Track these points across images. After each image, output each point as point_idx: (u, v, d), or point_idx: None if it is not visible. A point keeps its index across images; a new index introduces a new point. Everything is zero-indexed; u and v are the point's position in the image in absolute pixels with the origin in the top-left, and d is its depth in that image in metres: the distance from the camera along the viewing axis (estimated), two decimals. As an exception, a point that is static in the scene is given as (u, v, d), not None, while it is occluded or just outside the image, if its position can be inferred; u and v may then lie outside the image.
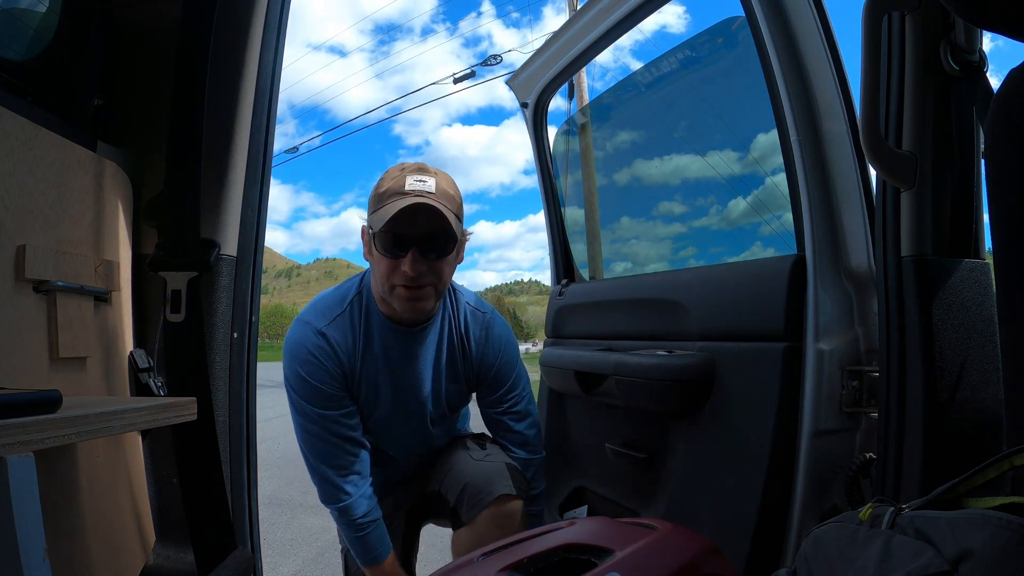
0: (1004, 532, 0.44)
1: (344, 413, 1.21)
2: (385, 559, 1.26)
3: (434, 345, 1.27)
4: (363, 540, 1.24)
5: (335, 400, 1.20)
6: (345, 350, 1.19)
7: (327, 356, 1.17)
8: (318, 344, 1.17)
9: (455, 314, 1.28)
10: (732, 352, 1.21)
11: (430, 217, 1.07)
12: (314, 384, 1.17)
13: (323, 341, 1.17)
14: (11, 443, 0.55)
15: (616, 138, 2.20)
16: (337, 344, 1.18)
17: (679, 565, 0.65)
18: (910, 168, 0.87)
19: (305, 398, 1.19)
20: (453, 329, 1.28)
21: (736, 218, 1.64)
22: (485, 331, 1.29)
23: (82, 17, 1.03)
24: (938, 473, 0.85)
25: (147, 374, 1.06)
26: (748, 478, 1.12)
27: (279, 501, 3.56)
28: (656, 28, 77.61)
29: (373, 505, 1.25)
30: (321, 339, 1.17)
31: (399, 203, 1.06)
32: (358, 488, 1.23)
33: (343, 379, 1.20)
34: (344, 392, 1.21)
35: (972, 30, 0.84)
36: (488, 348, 1.29)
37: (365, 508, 1.23)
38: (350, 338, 1.20)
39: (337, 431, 1.20)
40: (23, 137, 0.84)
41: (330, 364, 1.17)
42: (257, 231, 1.16)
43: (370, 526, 1.24)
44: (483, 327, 1.30)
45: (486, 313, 1.32)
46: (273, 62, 1.15)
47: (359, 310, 1.21)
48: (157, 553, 1.09)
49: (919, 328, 0.87)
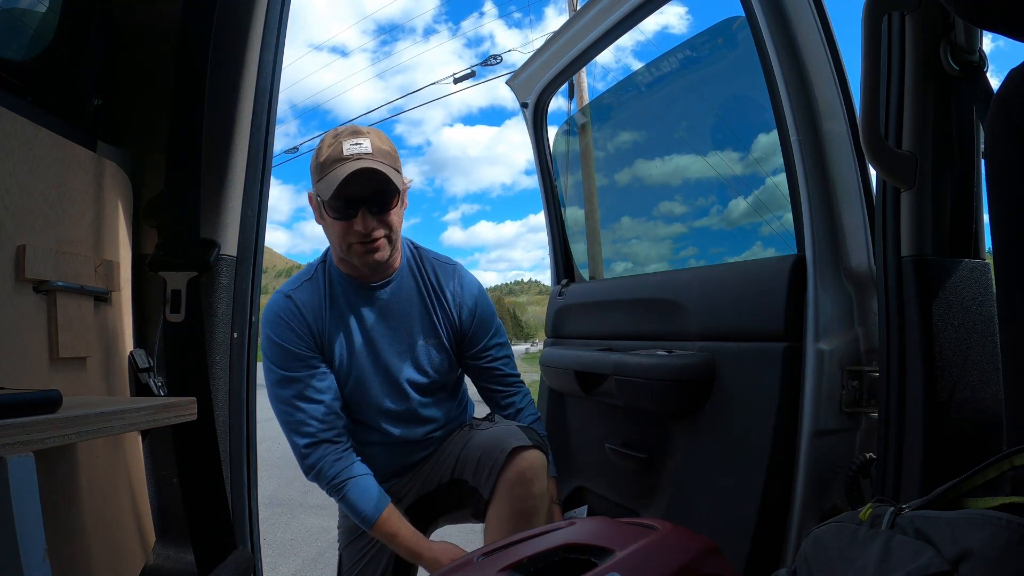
0: (1004, 532, 0.44)
1: (312, 375, 1.21)
2: (377, 517, 1.20)
3: (407, 300, 1.29)
4: (345, 502, 1.21)
5: (303, 361, 1.21)
6: (311, 310, 1.23)
7: (293, 316, 1.22)
8: (285, 306, 1.23)
9: (423, 269, 1.32)
10: (732, 352, 1.21)
11: (372, 179, 1.13)
12: (282, 345, 1.20)
13: (290, 303, 1.23)
14: (11, 443, 0.55)
15: (616, 138, 2.20)
16: (303, 304, 1.23)
17: (679, 565, 0.65)
18: (910, 168, 0.87)
19: (275, 362, 1.21)
20: (427, 284, 1.32)
21: (736, 218, 1.64)
22: (458, 280, 1.34)
23: (82, 17, 1.03)
24: (938, 473, 0.85)
25: (147, 374, 1.06)
26: (748, 478, 1.12)
27: (279, 501, 3.56)
28: (658, 29, 77.60)
29: (347, 465, 1.21)
30: (288, 301, 1.24)
31: (341, 170, 1.12)
32: (328, 451, 1.20)
33: (311, 339, 1.23)
34: (313, 353, 1.22)
35: (972, 30, 0.84)
36: (465, 295, 1.33)
37: (337, 469, 1.20)
38: (316, 299, 1.25)
39: (306, 394, 1.20)
40: (23, 137, 0.84)
41: (296, 324, 1.21)
42: (257, 231, 1.16)
43: (345, 485, 1.20)
44: (455, 277, 1.34)
45: (454, 265, 1.37)
46: (273, 62, 1.15)
47: (323, 274, 1.28)
48: (157, 553, 1.09)
49: (919, 328, 0.87)
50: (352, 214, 1.16)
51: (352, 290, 1.27)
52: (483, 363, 1.37)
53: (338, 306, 1.26)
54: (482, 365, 1.38)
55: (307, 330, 1.22)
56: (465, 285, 1.35)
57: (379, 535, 1.22)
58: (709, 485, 1.24)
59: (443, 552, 1.20)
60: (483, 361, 1.37)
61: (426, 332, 1.30)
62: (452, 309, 1.32)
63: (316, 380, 1.22)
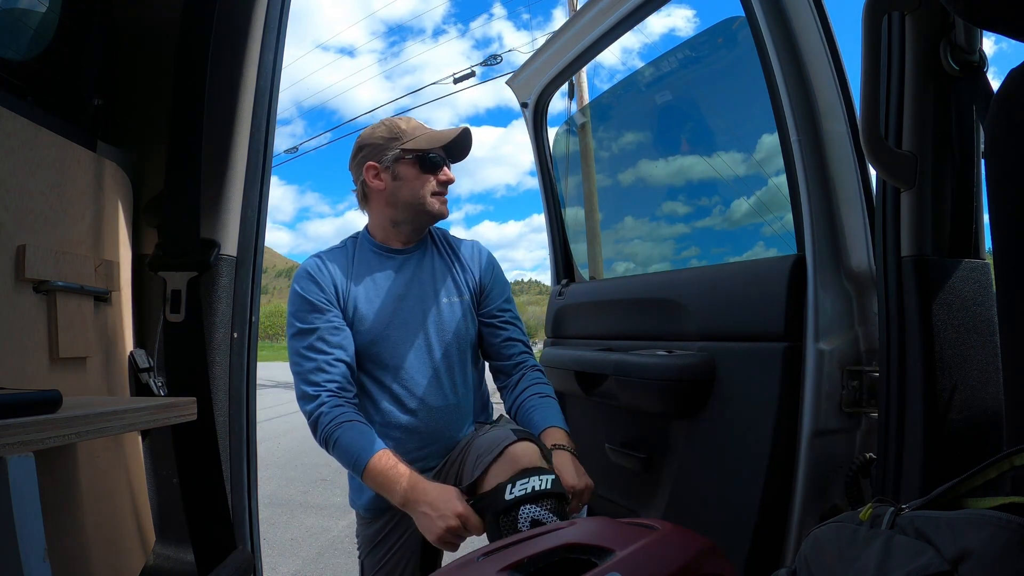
0: (1004, 532, 0.44)
1: (328, 327, 1.25)
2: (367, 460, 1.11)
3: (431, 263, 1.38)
4: (338, 447, 1.15)
5: (320, 313, 1.26)
6: (338, 267, 1.32)
7: (319, 270, 1.30)
8: (313, 263, 1.32)
9: (446, 240, 1.44)
10: (732, 352, 1.21)
11: (470, 139, 1.36)
12: (304, 296, 1.26)
13: (318, 260, 1.33)
14: (11, 443, 0.55)
15: (616, 138, 2.20)
16: (331, 261, 1.32)
17: (679, 565, 0.65)
18: (910, 168, 0.87)
19: (295, 314, 1.27)
20: (447, 250, 1.42)
21: (738, 219, 1.64)
22: (473, 247, 1.45)
23: (82, 17, 1.03)
24: (938, 473, 0.85)
25: (147, 374, 1.06)
26: (748, 478, 1.12)
27: (279, 501, 3.56)
28: (665, 31, 77.19)
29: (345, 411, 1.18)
30: (317, 259, 1.33)
31: (447, 131, 1.33)
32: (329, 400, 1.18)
33: (333, 292, 1.29)
34: (331, 306, 1.27)
35: (972, 30, 0.84)
36: (481, 257, 1.43)
37: (334, 414, 1.16)
38: (343, 260, 1.34)
39: (317, 345, 1.23)
40: (23, 137, 0.84)
41: (320, 277, 1.29)
42: (257, 231, 1.17)
43: (336, 430, 1.15)
44: (472, 247, 1.45)
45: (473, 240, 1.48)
46: (273, 62, 1.15)
47: (353, 242, 1.39)
48: (157, 553, 1.09)
49: (919, 328, 0.87)
50: (442, 165, 1.32)
51: (381, 253, 1.36)
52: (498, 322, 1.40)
53: (366, 264, 1.34)
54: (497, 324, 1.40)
55: (331, 283, 1.29)
56: (479, 250, 1.45)
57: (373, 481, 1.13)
58: (709, 485, 1.24)
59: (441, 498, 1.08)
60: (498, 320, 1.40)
61: (449, 290, 1.37)
62: (471, 268, 1.41)
63: (330, 333, 1.24)
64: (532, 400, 1.30)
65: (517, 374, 1.37)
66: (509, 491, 1.00)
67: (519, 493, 1.00)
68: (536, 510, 0.99)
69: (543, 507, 0.99)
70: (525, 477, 1.01)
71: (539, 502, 1.00)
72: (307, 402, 1.20)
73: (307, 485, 3.94)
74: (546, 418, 1.25)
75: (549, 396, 1.32)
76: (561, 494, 1.02)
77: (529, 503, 0.99)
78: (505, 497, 1.00)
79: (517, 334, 1.41)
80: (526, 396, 1.31)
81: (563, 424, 1.25)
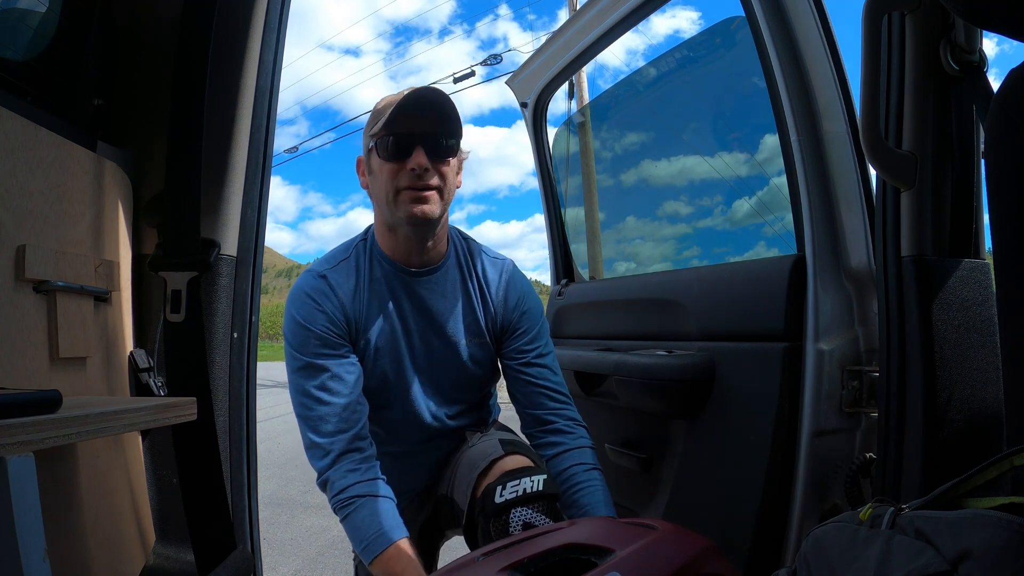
0: (1004, 532, 0.44)
1: (339, 362, 1.07)
2: (379, 552, 0.98)
3: (452, 294, 1.16)
4: (349, 522, 1.01)
5: (331, 348, 1.07)
6: (347, 291, 1.10)
7: (325, 296, 1.09)
8: (316, 286, 1.10)
9: (471, 260, 1.20)
10: (732, 352, 1.21)
11: (432, 107, 1.03)
12: (307, 328, 1.07)
13: (323, 283, 1.10)
14: (11, 443, 0.55)
15: (616, 137, 2.20)
16: (338, 285, 1.10)
17: (679, 565, 0.65)
18: (910, 168, 0.87)
19: (298, 347, 1.07)
20: (471, 274, 1.19)
21: (738, 219, 1.64)
22: (506, 276, 1.20)
23: (82, 17, 1.03)
24: (938, 473, 0.85)
25: (147, 374, 1.06)
26: (748, 478, 1.12)
27: (279, 501, 3.56)
28: (670, 32, 76.90)
29: (362, 480, 1.03)
30: (321, 281, 1.10)
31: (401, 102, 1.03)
32: (343, 461, 1.04)
33: (342, 323, 1.09)
34: (341, 339, 1.09)
35: (972, 30, 0.84)
36: (510, 291, 1.19)
37: (349, 481, 1.02)
38: (353, 280, 1.12)
39: (330, 386, 1.05)
40: (23, 137, 0.84)
41: (328, 305, 1.09)
42: (257, 231, 1.16)
43: (353, 503, 1.01)
44: (502, 272, 1.21)
45: (504, 260, 1.23)
46: (273, 62, 1.15)
47: (364, 253, 1.14)
48: (157, 553, 1.09)
49: (919, 328, 0.87)
50: (407, 152, 1.03)
51: (394, 275, 1.13)
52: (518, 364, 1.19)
53: (377, 290, 1.12)
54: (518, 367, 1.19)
55: (340, 314, 1.09)
56: (512, 280, 1.21)
57: (380, 571, 0.99)
58: (709, 485, 1.24)
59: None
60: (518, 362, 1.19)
61: (469, 330, 1.17)
62: (494, 298, 1.19)
63: (344, 371, 1.07)
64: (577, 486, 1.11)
65: (550, 448, 1.16)
66: (499, 493, 0.95)
67: (510, 496, 0.95)
68: (528, 513, 0.94)
69: (535, 509, 0.95)
70: (516, 478, 0.97)
71: (531, 504, 0.95)
72: (317, 458, 1.06)
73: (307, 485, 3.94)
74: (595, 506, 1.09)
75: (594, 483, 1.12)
76: (554, 494, 0.98)
77: (520, 505, 0.95)
78: (495, 500, 0.95)
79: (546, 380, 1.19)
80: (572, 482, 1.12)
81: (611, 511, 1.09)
